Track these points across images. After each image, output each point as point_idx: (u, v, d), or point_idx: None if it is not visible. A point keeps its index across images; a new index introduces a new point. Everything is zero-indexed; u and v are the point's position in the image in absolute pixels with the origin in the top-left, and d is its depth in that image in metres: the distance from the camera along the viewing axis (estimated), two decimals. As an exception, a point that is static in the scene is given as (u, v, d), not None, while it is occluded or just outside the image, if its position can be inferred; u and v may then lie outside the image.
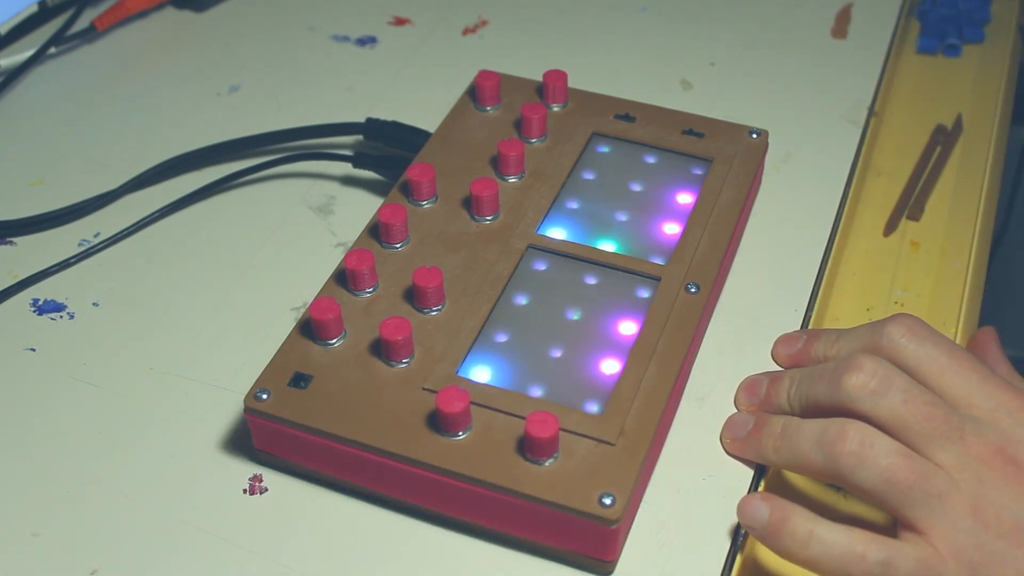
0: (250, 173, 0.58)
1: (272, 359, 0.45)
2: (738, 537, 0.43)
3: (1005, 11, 0.73)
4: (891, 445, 0.40)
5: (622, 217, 0.51)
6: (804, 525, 0.40)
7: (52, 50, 0.66)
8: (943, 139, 0.63)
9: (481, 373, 0.45)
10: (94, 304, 0.52)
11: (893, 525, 0.41)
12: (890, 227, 0.59)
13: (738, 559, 0.43)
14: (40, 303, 0.52)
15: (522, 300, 0.47)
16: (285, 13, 0.70)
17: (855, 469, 0.40)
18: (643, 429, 0.42)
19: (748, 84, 0.65)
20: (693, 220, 0.50)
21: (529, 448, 0.41)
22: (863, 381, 0.41)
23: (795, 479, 0.47)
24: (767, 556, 0.44)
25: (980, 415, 0.41)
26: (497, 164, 0.53)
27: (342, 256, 0.50)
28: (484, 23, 0.70)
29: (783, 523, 0.40)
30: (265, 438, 0.44)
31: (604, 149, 0.55)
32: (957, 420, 0.41)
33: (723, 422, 0.46)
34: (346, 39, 0.68)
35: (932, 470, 0.40)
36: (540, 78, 0.57)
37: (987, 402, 0.42)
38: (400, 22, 0.70)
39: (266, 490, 0.45)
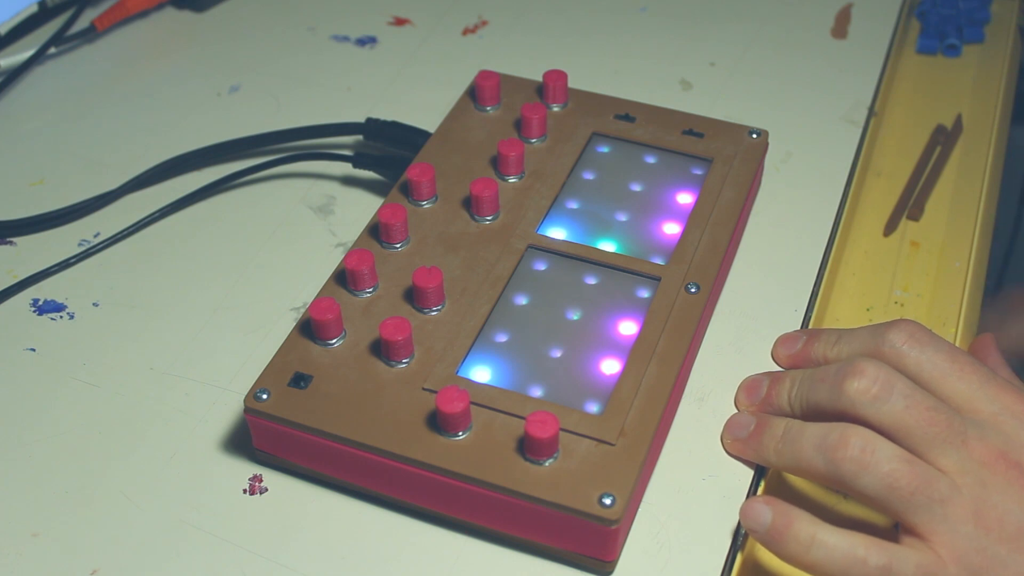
0: (250, 173, 0.58)
1: (272, 359, 0.45)
2: (738, 537, 0.43)
3: (1005, 11, 0.73)
4: (893, 451, 0.40)
5: (622, 217, 0.51)
6: (806, 529, 0.40)
7: (52, 50, 0.66)
8: (943, 139, 0.63)
9: (481, 373, 0.45)
10: (94, 304, 0.52)
11: (895, 528, 0.41)
12: (890, 227, 0.59)
13: (738, 559, 0.43)
14: (40, 303, 0.52)
15: (522, 300, 0.47)
16: (285, 13, 0.70)
17: (857, 475, 0.40)
18: (643, 429, 0.42)
19: (748, 84, 0.65)
20: (693, 220, 0.50)
21: (529, 448, 0.41)
22: (865, 386, 0.41)
23: (795, 480, 0.47)
24: (767, 557, 0.44)
25: (983, 418, 0.41)
26: (497, 164, 0.53)
27: (342, 256, 0.50)
28: (484, 23, 0.70)
29: (786, 527, 0.40)
30: (265, 438, 0.44)
31: (604, 149, 0.55)
32: (959, 424, 0.41)
33: (723, 422, 0.46)
34: (346, 39, 0.68)
35: (934, 475, 0.40)
36: (540, 78, 0.57)
37: (990, 405, 0.42)
38: (400, 22, 0.70)
39: (266, 490, 0.45)
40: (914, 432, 0.40)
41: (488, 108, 0.56)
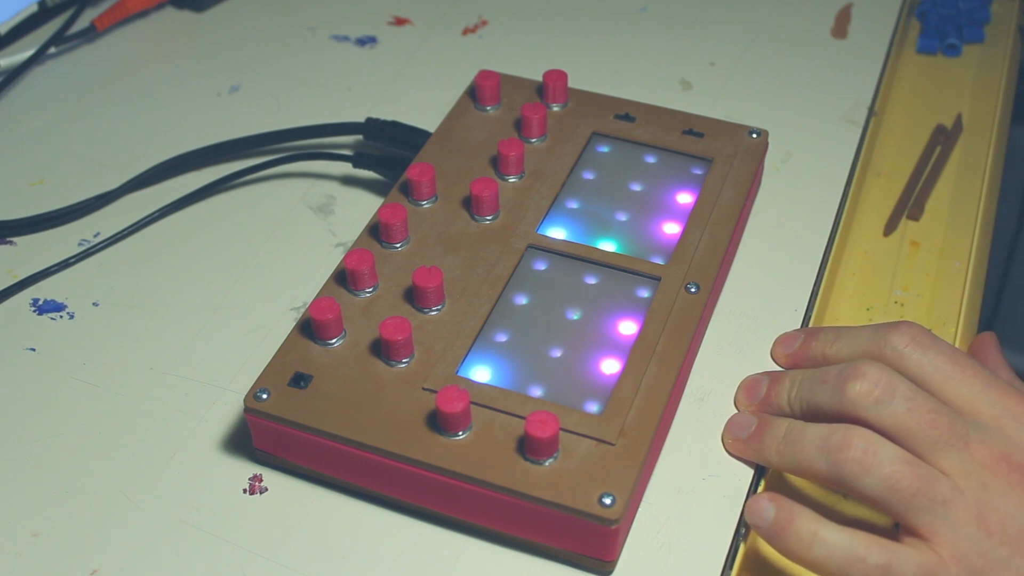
0: (250, 173, 0.58)
1: (272, 359, 0.45)
2: (738, 537, 0.43)
3: (1005, 11, 0.73)
4: (895, 452, 0.40)
5: (622, 217, 0.51)
6: (808, 526, 0.40)
7: (52, 50, 0.66)
8: (943, 139, 0.63)
9: (481, 373, 0.45)
10: (94, 304, 0.52)
11: (896, 528, 0.42)
12: (890, 227, 0.59)
13: (738, 559, 0.43)
14: (40, 303, 0.52)
15: (522, 300, 0.47)
16: (285, 13, 0.70)
17: (859, 476, 0.40)
18: (643, 429, 0.42)
19: (748, 84, 0.65)
20: (693, 220, 0.50)
21: (529, 448, 0.41)
22: (867, 389, 0.41)
23: (795, 480, 0.47)
24: (767, 556, 0.44)
25: (985, 421, 0.41)
26: (497, 164, 0.53)
27: (342, 256, 0.50)
28: (484, 23, 0.70)
29: (788, 524, 0.40)
30: (265, 438, 0.44)
31: (604, 149, 0.55)
32: (961, 427, 0.41)
33: (723, 422, 0.46)
34: (346, 39, 0.68)
35: (936, 477, 0.40)
36: (540, 78, 0.57)
37: (992, 408, 0.41)
38: (400, 22, 0.70)
39: (266, 490, 0.45)
40: (916, 434, 0.40)
41: (488, 108, 0.56)
